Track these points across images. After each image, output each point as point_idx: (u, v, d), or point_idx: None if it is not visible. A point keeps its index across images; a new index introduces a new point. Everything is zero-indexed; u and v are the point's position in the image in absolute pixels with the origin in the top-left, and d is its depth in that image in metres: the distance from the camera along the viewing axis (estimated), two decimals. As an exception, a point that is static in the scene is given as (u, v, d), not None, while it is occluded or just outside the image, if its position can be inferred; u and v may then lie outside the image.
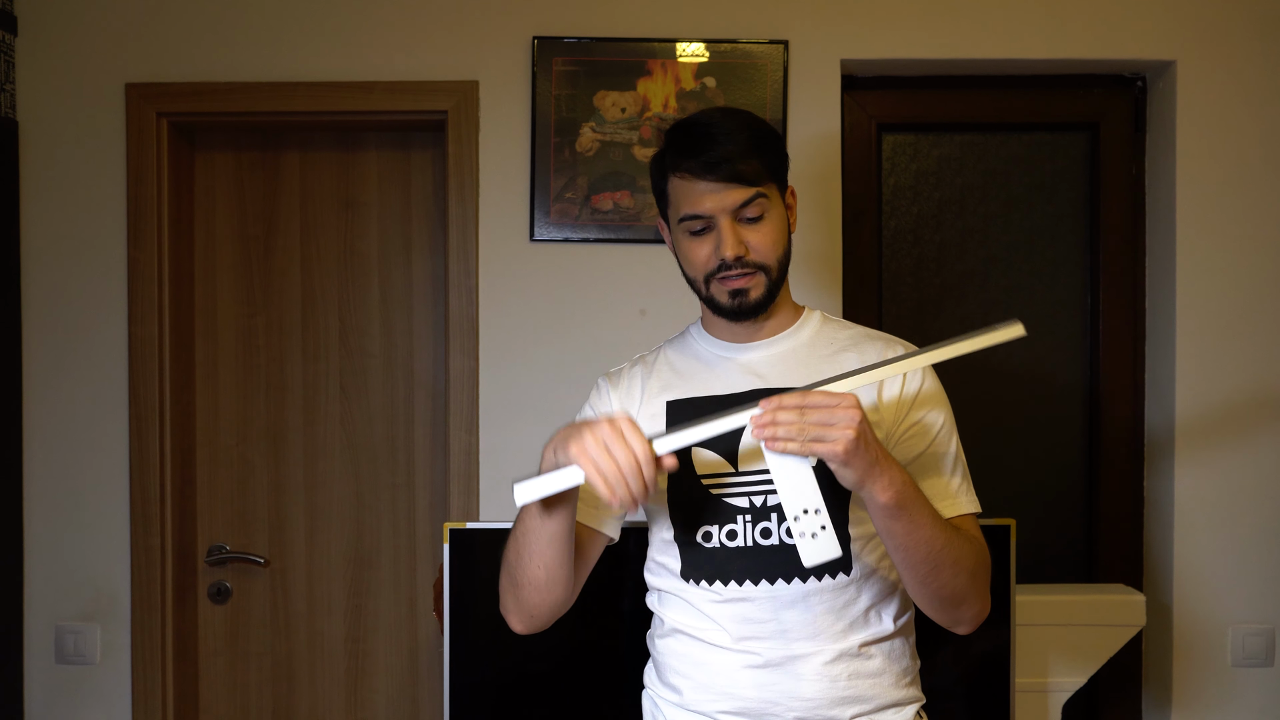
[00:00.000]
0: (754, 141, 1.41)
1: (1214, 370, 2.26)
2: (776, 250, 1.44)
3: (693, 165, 1.41)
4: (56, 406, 2.29)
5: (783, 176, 1.48)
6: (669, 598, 1.50)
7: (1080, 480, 2.45)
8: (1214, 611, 2.27)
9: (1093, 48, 2.26)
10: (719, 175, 1.39)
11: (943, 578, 1.35)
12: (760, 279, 1.43)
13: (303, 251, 2.43)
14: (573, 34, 2.24)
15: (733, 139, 1.40)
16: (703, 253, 1.44)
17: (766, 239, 1.42)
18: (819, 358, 1.49)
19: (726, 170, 1.38)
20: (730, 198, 1.40)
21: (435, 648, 2.40)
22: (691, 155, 1.41)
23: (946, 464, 1.47)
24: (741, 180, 1.39)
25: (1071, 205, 2.43)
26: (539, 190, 2.24)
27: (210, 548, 2.43)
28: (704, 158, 1.39)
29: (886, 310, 2.42)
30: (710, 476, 1.44)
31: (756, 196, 1.40)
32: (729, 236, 1.40)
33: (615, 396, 1.54)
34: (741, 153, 1.39)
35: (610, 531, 1.50)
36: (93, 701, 2.28)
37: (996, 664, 1.97)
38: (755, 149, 1.41)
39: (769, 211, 1.43)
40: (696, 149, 1.41)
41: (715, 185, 1.40)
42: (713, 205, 1.41)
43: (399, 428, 2.43)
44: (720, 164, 1.38)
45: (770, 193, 1.43)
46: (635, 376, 1.55)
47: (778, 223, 1.44)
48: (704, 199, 1.41)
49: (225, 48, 2.26)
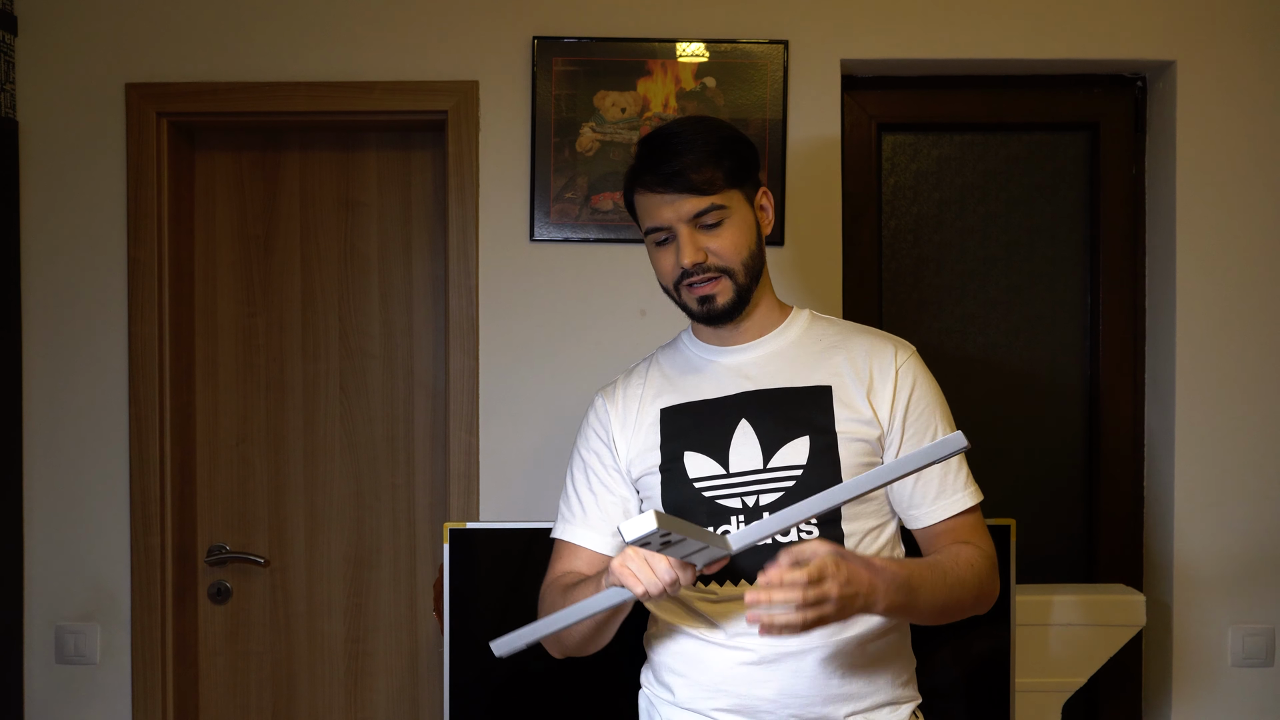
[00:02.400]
0: (712, 150, 1.45)
1: (1214, 370, 2.26)
2: (740, 254, 1.47)
3: (649, 179, 1.47)
4: (56, 406, 2.28)
5: (748, 180, 1.50)
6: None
7: (1080, 480, 2.45)
8: (1214, 611, 2.27)
9: (1093, 48, 2.26)
10: (673, 187, 1.44)
11: (950, 615, 1.43)
12: (725, 283, 1.47)
13: (303, 251, 2.43)
14: (573, 34, 2.24)
15: (691, 150, 1.44)
16: (668, 262, 1.49)
17: (727, 244, 1.46)
18: (807, 356, 1.51)
19: (680, 182, 1.43)
20: (685, 208, 1.44)
21: (435, 648, 2.40)
22: (649, 169, 1.47)
23: (952, 464, 1.49)
24: (695, 190, 1.44)
25: (1071, 205, 2.43)
26: (539, 190, 2.24)
27: (210, 548, 2.43)
28: (659, 171, 1.45)
29: (886, 310, 2.42)
30: (702, 479, 1.46)
31: (711, 207, 1.45)
32: (686, 245, 1.45)
33: (613, 412, 1.57)
34: (696, 163, 1.44)
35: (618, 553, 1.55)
36: (93, 701, 2.28)
37: (996, 664, 1.98)
38: (713, 157, 1.45)
39: (729, 217, 1.46)
40: (652, 162, 1.46)
41: (671, 196, 1.45)
42: (670, 216, 1.46)
43: (399, 428, 2.43)
44: (673, 177, 1.44)
45: (730, 199, 1.46)
46: (631, 388, 1.58)
47: (741, 227, 1.47)
48: (662, 210, 1.46)
49: (225, 48, 2.26)
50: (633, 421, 1.54)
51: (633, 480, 1.54)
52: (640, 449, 1.52)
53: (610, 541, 1.54)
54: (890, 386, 1.47)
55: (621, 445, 1.54)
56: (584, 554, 1.54)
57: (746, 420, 1.47)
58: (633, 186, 1.51)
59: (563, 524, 1.58)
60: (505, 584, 1.96)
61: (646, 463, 1.51)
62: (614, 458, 1.55)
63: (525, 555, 1.94)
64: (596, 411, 1.60)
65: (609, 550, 1.53)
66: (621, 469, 1.54)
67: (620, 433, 1.55)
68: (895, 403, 1.47)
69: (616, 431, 1.55)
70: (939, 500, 1.48)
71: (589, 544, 1.54)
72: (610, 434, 1.55)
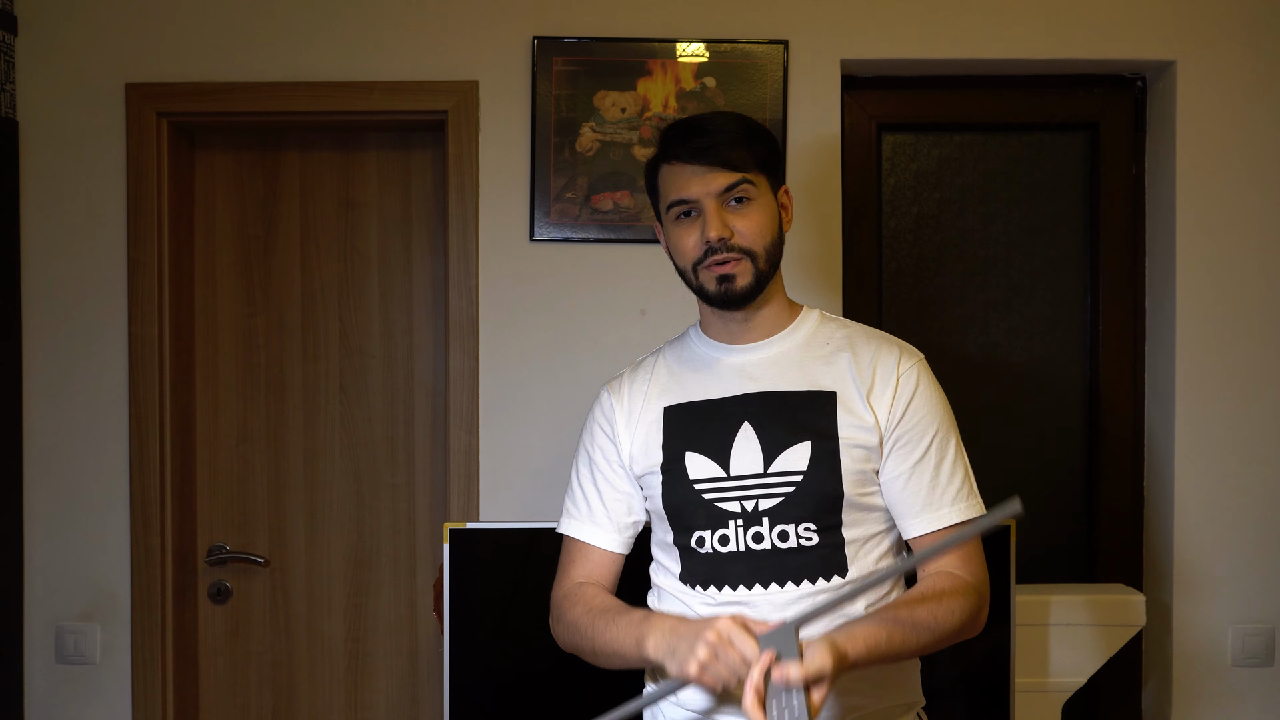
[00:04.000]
0: (744, 133, 1.45)
1: (1214, 370, 2.26)
2: (764, 237, 1.45)
3: (680, 152, 1.45)
4: (56, 406, 2.28)
5: (774, 171, 1.50)
6: (668, 597, 1.51)
7: (1080, 480, 2.45)
8: (1214, 611, 2.27)
9: (1093, 48, 2.26)
10: (705, 160, 1.43)
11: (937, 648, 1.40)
12: (746, 265, 1.44)
13: (303, 251, 2.43)
14: (573, 34, 2.24)
15: (725, 130, 1.44)
16: (690, 239, 1.46)
17: (753, 224, 1.44)
18: (813, 358, 1.50)
19: (713, 156, 1.42)
20: (716, 181, 1.43)
21: (435, 648, 2.40)
22: (681, 143, 1.45)
23: (943, 471, 1.46)
24: (727, 165, 1.42)
25: (1071, 205, 2.43)
26: (539, 190, 2.24)
27: (210, 548, 2.43)
28: (691, 144, 1.44)
29: (886, 310, 2.42)
30: (703, 481, 1.45)
31: (742, 181, 1.43)
32: (714, 219, 1.43)
33: (618, 408, 1.56)
34: (730, 142, 1.43)
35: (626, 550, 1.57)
36: (93, 701, 2.28)
37: (996, 664, 1.98)
38: (745, 138, 1.44)
39: (756, 198, 1.45)
40: (686, 137, 1.45)
41: (701, 169, 1.43)
42: (699, 189, 1.44)
43: (399, 428, 2.43)
44: (707, 150, 1.43)
45: (758, 180, 1.45)
46: (637, 383, 1.57)
47: (766, 210, 1.46)
48: (690, 183, 1.44)
49: (225, 48, 2.26)
50: (637, 418, 1.53)
51: (635, 477, 1.54)
52: (643, 447, 1.52)
53: (617, 538, 1.54)
54: (890, 392, 1.46)
55: (625, 441, 1.54)
56: (595, 554, 1.55)
57: (749, 423, 1.45)
58: (660, 161, 1.49)
59: (569, 520, 1.58)
60: (505, 584, 1.96)
61: (649, 461, 1.50)
62: (618, 454, 1.55)
63: (525, 555, 1.94)
64: (602, 406, 1.59)
65: (617, 547, 1.55)
66: (625, 465, 1.54)
67: (625, 429, 1.54)
68: (892, 409, 1.45)
69: (621, 428, 1.54)
70: (925, 512, 1.45)
71: (598, 542, 1.54)
72: (614, 430, 1.55)
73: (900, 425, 1.45)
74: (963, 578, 1.42)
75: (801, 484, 1.41)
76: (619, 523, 1.55)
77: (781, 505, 1.41)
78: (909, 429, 1.45)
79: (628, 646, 1.38)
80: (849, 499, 1.42)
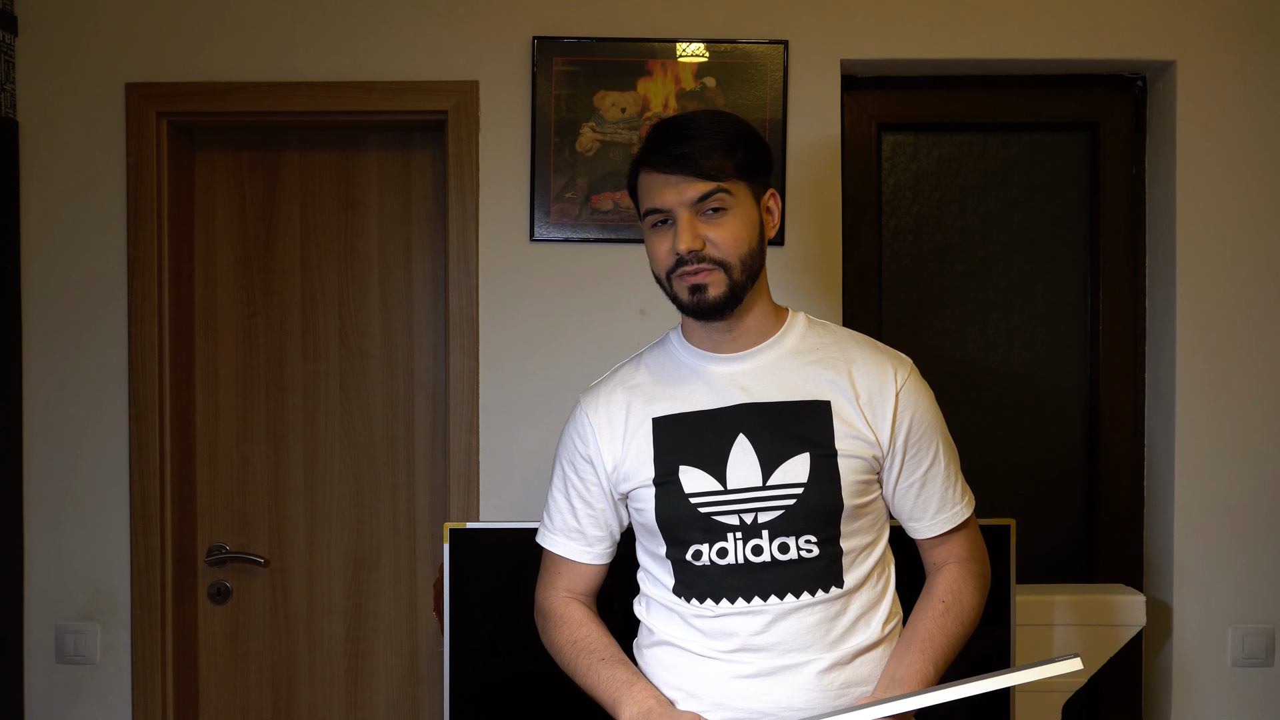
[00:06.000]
0: (726, 140, 1.41)
1: (1214, 370, 2.26)
2: (738, 248, 1.41)
3: (657, 159, 1.42)
4: (56, 406, 2.28)
5: (757, 177, 1.46)
6: (658, 608, 1.50)
7: (1080, 480, 2.45)
8: (1214, 611, 2.27)
9: (1093, 48, 2.26)
10: (680, 169, 1.40)
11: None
12: (719, 276, 1.41)
13: (303, 251, 2.43)
14: (573, 34, 2.24)
15: (705, 136, 1.41)
16: (663, 248, 1.44)
17: (727, 235, 1.41)
18: (804, 366, 1.48)
19: (687, 165, 1.39)
20: (689, 191, 1.40)
21: (435, 648, 2.40)
22: (658, 150, 1.42)
23: (949, 477, 1.51)
24: (702, 174, 1.39)
25: (1071, 205, 2.43)
26: (539, 190, 2.24)
27: (210, 548, 2.43)
28: (668, 152, 1.41)
29: (886, 310, 2.42)
30: (699, 495, 1.43)
31: (717, 191, 1.40)
32: (685, 230, 1.40)
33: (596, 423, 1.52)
34: (707, 149, 1.40)
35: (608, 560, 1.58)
36: (93, 701, 2.28)
37: (996, 664, 1.97)
38: (725, 146, 1.41)
39: (732, 207, 1.42)
40: (663, 143, 1.42)
41: (676, 179, 1.40)
42: (673, 198, 1.41)
43: (399, 428, 2.43)
44: (682, 159, 1.40)
45: (736, 190, 1.42)
46: (616, 393, 1.53)
47: (743, 220, 1.43)
48: (665, 192, 1.41)
49: (225, 48, 2.26)
50: (620, 431, 1.49)
51: (621, 494, 1.50)
52: (632, 461, 1.47)
53: (591, 551, 1.54)
54: (891, 409, 1.45)
55: (607, 456, 1.49)
56: (576, 567, 1.56)
57: (744, 435, 1.43)
58: (638, 167, 1.46)
59: (545, 532, 1.58)
60: (505, 584, 1.95)
61: (639, 476, 1.46)
62: (593, 471, 1.51)
63: (525, 555, 1.93)
64: (576, 422, 1.54)
65: (597, 559, 1.55)
66: (602, 482, 1.51)
67: (606, 444, 1.49)
68: (896, 427, 1.45)
69: (603, 443, 1.50)
70: (940, 514, 1.50)
71: (577, 557, 1.55)
72: (591, 446, 1.51)
73: (909, 439, 1.47)
74: (971, 566, 1.52)
75: (803, 496, 1.40)
76: (596, 538, 1.54)
77: (782, 518, 1.40)
78: (917, 440, 1.47)
79: (602, 699, 1.46)
80: (847, 509, 1.42)
